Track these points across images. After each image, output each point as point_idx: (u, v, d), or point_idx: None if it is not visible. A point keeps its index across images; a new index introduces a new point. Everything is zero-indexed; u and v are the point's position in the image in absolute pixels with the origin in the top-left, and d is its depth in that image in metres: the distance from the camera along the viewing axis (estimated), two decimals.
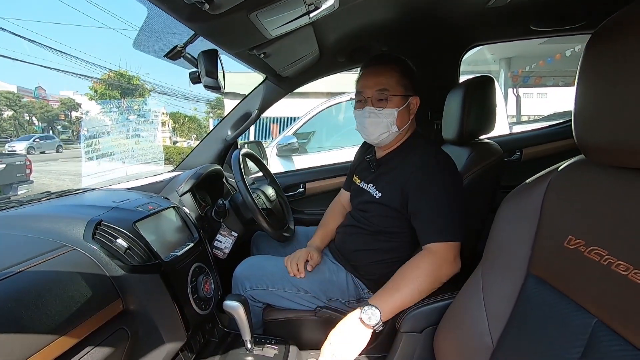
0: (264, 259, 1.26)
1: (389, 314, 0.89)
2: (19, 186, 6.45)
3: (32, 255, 0.70)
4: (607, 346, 0.48)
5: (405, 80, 1.07)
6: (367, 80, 1.08)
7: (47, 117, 30.61)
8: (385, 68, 1.07)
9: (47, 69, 21.81)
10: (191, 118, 23.71)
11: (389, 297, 0.91)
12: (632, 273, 0.45)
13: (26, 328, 0.58)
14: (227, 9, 0.73)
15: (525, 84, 10.77)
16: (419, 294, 0.91)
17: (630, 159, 0.48)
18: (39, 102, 31.22)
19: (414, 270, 0.93)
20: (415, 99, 1.09)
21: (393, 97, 1.05)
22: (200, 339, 1.07)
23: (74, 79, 71.98)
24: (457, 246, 0.96)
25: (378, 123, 1.07)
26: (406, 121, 1.08)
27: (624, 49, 0.48)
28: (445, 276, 0.93)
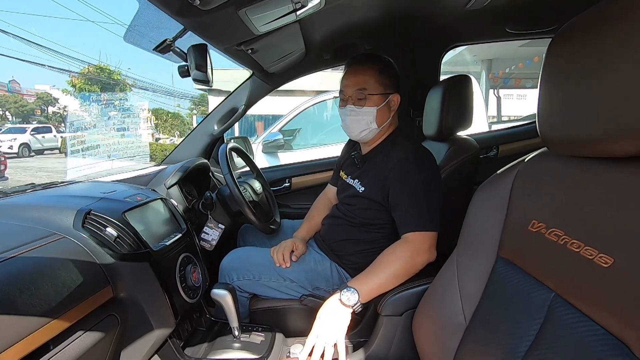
0: (250, 251, 1.29)
1: (366, 295, 0.93)
2: None
3: (24, 242, 0.71)
4: (563, 317, 0.53)
5: (384, 79, 1.10)
6: (347, 80, 1.13)
7: (21, 111, 29.48)
8: (364, 67, 1.11)
9: (21, 61, 21.00)
10: (174, 115, 23.31)
11: (366, 280, 0.96)
12: (583, 249, 0.51)
13: (20, 310, 0.60)
14: (216, 5, 0.76)
15: (505, 86, 11.06)
16: (395, 279, 0.96)
17: (583, 148, 0.54)
18: (13, 96, 30.02)
19: (390, 256, 0.98)
20: (396, 96, 1.13)
21: (372, 95, 1.09)
22: (188, 327, 1.09)
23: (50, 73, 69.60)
24: (433, 236, 1.01)
25: (358, 121, 1.11)
26: (386, 118, 1.13)
27: (581, 50, 0.53)
28: (420, 264, 0.98)
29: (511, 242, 0.67)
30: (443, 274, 0.82)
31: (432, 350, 0.79)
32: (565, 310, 0.53)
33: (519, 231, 0.65)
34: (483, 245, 0.73)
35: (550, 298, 0.56)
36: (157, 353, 0.94)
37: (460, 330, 0.72)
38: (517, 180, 0.69)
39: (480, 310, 0.70)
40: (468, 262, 0.76)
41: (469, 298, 0.73)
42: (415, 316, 0.87)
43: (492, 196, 0.73)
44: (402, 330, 0.94)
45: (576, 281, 0.52)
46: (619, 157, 0.50)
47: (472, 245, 0.76)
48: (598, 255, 0.49)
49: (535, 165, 0.67)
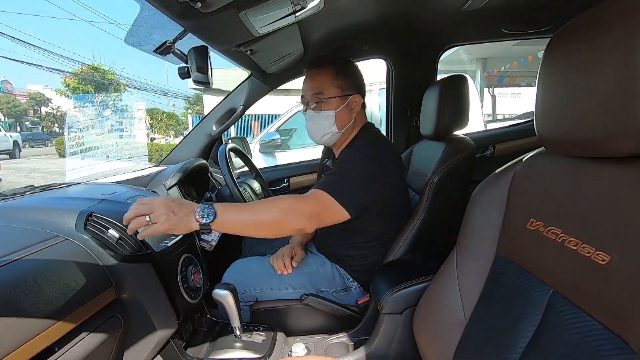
0: (249, 262, 1.28)
1: (222, 223, 0.82)
2: None
3: (27, 244, 0.71)
4: (561, 314, 0.55)
5: (341, 81, 1.08)
6: (305, 84, 1.13)
7: (14, 112, 29.17)
8: (319, 71, 1.10)
9: (13, 61, 20.72)
10: (169, 114, 23.17)
11: (230, 211, 0.85)
12: (581, 247, 0.52)
13: (25, 313, 0.60)
14: (217, 7, 0.76)
15: (500, 84, 11.15)
16: (260, 226, 0.86)
17: (580, 148, 0.55)
18: (5, 97, 29.70)
19: (272, 202, 0.89)
20: (356, 97, 1.10)
21: (328, 99, 1.08)
22: (190, 328, 1.10)
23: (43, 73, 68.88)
24: (332, 202, 0.93)
25: (318, 125, 1.10)
26: (347, 121, 1.11)
27: (579, 50, 0.54)
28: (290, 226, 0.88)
29: (510, 241, 0.69)
30: (443, 272, 0.83)
31: (433, 347, 0.80)
32: (564, 307, 0.54)
33: (518, 229, 0.66)
34: (482, 244, 0.74)
35: (549, 295, 0.57)
36: (159, 353, 0.95)
37: (460, 328, 0.73)
38: (515, 180, 0.70)
39: (480, 308, 0.71)
40: (467, 261, 0.77)
41: (468, 296, 0.74)
42: (415, 314, 0.88)
43: (491, 195, 0.75)
44: (402, 327, 0.95)
45: (574, 279, 0.53)
46: (615, 157, 0.51)
47: (471, 243, 0.77)
48: (595, 253, 0.50)
49: (533, 164, 0.68)
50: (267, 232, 0.89)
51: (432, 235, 1.11)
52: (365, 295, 1.17)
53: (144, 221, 0.77)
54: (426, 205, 1.09)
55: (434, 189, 1.09)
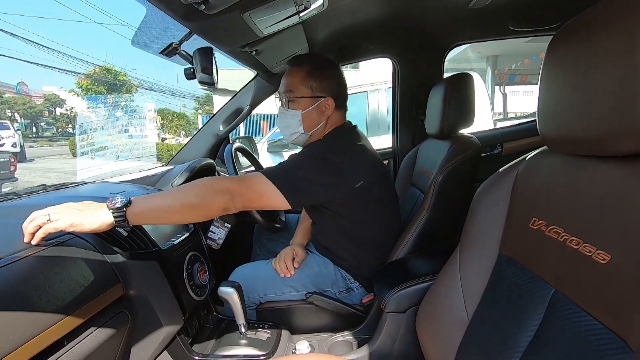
0: (253, 267, 1.28)
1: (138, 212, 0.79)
2: (3, 183, 6.33)
3: None
4: (563, 313, 0.54)
5: (313, 81, 1.06)
6: (282, 80, 1.11)
7: (30, 113, 29.89)
8: (294, 69, 1.09)
9: (29, 64, 21.28)
10: (180, 115, 23.46)
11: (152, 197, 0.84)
12: (582, 246, 0.52)
13: (35, 307, 0.62)
14: (221, 9, 0.78)
15: (511, 82, 10.99)
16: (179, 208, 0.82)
17: (582, 147, 0.55)
18: (22, 98, 30.44)
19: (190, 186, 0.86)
20: (328, 100, 1.07)
21: (297, 98, 1.06)
22: (196, 324, 1.12)
23: (58, 75, 70.32)
24: (265, 182, 0.91)
25: (286, 123, 1.09)
26: (316, 123, 1.08)
27: (581, 49, 0.54)
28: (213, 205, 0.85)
29: (513, 240, 0.68)
30: (446, 271, 0.83)
31: (435, 346, 0.80)
32: (565, 306, 0.54)
33: (520, 228, 0.66)
34: (485, 243, 0.74)
35: (551, 294, 0.57)
36: (166, 349, 0.96)
37: (462, 327, 0.73)
38: (518, 179, 0.70)
39: (482, 307, 0.71)
40: (470, 259, 0.77)
41: (471, 295, 0.74)
42: (418, 313, 0.88)
43: (494, 194, 0.74)
44: (405, 326, 0.95)
45: (575, 278, 0.53)
46: (617, 156, 0.51)
47: (474, 242, 0.77)
48: (596, 252, 0.50)
49: (535, 163, 0.68)
50: (192, 215, 0.85)
51: (437, 234, 1.10)
52: (370, 294, 1.17)
53: (44, 219, 0.72)
54: (430, 204, 1.09)
55: (438, 188, 1.09)
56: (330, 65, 1.12)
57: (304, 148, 1.06)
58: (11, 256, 0.67)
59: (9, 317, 0.58)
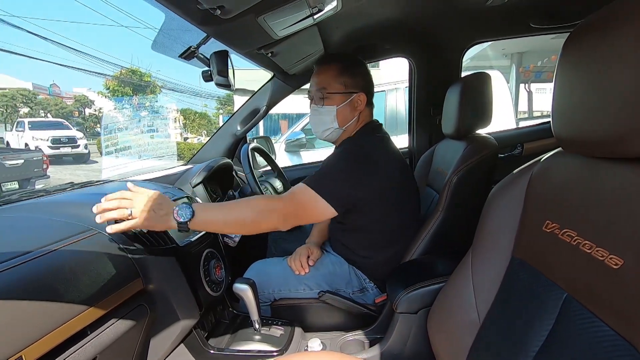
0: (268, 264, 1.31)
1: (199, 222, 0.86)
2: (37, 181, 6.66)
3: (64, 236, 0.78)
4: (574, 318, 0.53)
5: (346, 78, 1.10)
6: (312, 79, 1.15)
7: (61, 113, 31.24)
8: (324, 67, 1.12)
9: (61, 66, 22.33)
10: (201, 114, 23.95)
11: (208, 210, 0.90)
12: (595, 250, 0.51)
13: (62, 298, 0.67)
14: (236, 13, 0.80)
15: (537, 80, 10.61)
16: (237, 224, 0.91)
17: (597, 148, 0.54)
18: (54, 99, 31.89)
19: (248, 202, 0.93)
20: (360, 95, 1.10)
21: (331, 95, 1.09)
22: (212, 319, 1.15)
23: (87, 76, 73.25)
24: (313, 197, 0.94)
25: (320, 120, 1.12)
26: (350, 118, 1.12)
27: (596, 48, 0.53)
28: (272, 222, 0.92)
29: (526, 243, 0.67)
30: (458, 273, 0.82)
31: (446, 348, 0.80)
32: (577, 311, 0.53)
33: (534, 231, 0.65)
34: (498, 245, 0.73)
35: (563, 299, 0.56)
36: (183, 342, 1.00)
37: (474, 329, 0.73)
38: (532, 180, 0.69)
39: (494, 310, 0.70)
40: (483, 262, 0.76)
41: (483, 297, 0.73)
42: (430, 314, 0.88)
43: (508, 196, 0.73)
44: (417, 327, 0.95)
45: (587, 282, 0.52)
46: (631, 158, 0.49)
47: (487, 244, 0.76)
48: (609, 257, 0.48)
49: (550, 165, 0.66)
50: (243, 230, 0.94)
51: (451, 235, 1.09)
52: (383, 295, 1.17)
53: (126, 214, 0.80)
54: (445, 205, 1.08)
55: (453, 188, 1.08)
56: (359, 62, 1.15)
57: (337, 148, 1.08)
58: (41, 249, 0.72)
59: (39, 306, 0.62)
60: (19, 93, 28.14)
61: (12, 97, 27.43)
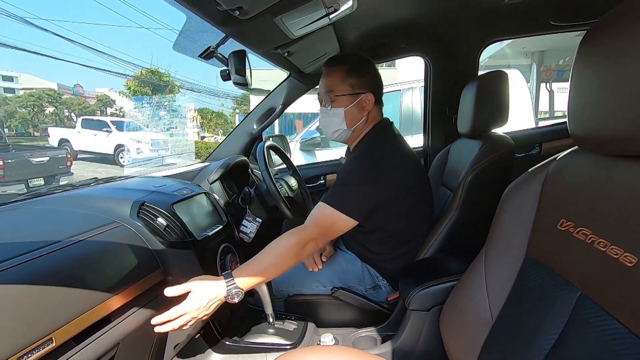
0: None
1: (249, 288, 0.93)
2: (61, 177, 6.91)
3: (90, 228, 0.82)
4: (587, 316, 0.53)
5: (352, 79, 1.10)
6: (320, 82, 1.16)
7: (84, 113, 32.27)
8: (331, 69, 1.13)
9: (84, 67, 23.11)
10: (218, 114, 24.28)
11: (252, 277, 0.92)
12: (609, 249, 0.51)
13: (88, 286, 0.70)
14: (254, 14, 0.82)
15: (560, 78, 10.32)
16: (278, 270, 0.95)
17: (613, 146, 0.53)
18: (77, 99, 32.96)
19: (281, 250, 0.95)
20: (368, 95, 1.11)
21: (338, 97, 1.10)
22: (228, 312, 1.18)
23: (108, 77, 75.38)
24: (334, 215, 0.98)
25: (329, 122, 1.14)
26: (358, 118, 1.12)
27: (613, 45, 0.52)
28: (308, 248, 0.96)
29: (540, 242, 0.67)
30: (471, 271, 0.82)
31: (458, 345, 0.80)
32: (590, 309, 0.53)
33: (548, 230, 0.65)
34: (512, 244, 0.73)
35: (576, 297, 0.56)
36: (199, 333, 1.03)
37: (486, 327, 0.73)
38: (547, 179, 0.68)
39: (507, 308, 0.70)
40: (496, 261, 0.76)
41: (496, 296, 0.73)
42: (442, 312, 0.88)
43: (522, 195, 0.73)
44: (429, 325, 0.95)
45: (601, 280, 0.52)
46: None
47: (501, 243, 0.76)
48: (623, 255, 0.48)
49: (565, 163, 0.66)
50: (290, 267, 0.96)
51: (465, 234, 1.09)
52: (396, 292, 1.18)
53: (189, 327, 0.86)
54: (459, 204, 1.08)
55: (467, 187, 1.07)
56: (366, 62, 1.15)
57: (349, 155, 1.10)
58: (69, 239, 0.76)
59: (67, 292, 0.66)
60: (45, 93, 29.21)
61: (39, 97, 28.50)
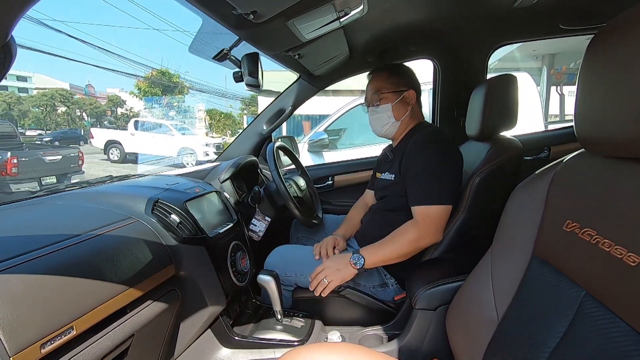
0: (292, 249, 1.38)
1: (371, 264, 1.12)
2: (73, 176, 7.03)
3: (107, 222, 0.85)
4: (592, 315, 0.54)
5: (395, 79, 1.27)
6: (367, 87, 1.33)
7: (95, 112, 32.77)
8: (376, 74, 1.30)
9: (96, 67, 23.47)
10: (227, 115, 24.45)
11: (373, 253, 1.13)
12: (614, 249, 0.52)
13: (106, 277, 0.73)
14: (268, 18, 0.85)
15: (570, 82, 10.19)
16: (398, 257, 1.12)
17: (619, 149, 0.54)
18: (89, 99, 33.50)
19: (400, 236, 1.11)
20: (410, 92, 1.26)
21: (385, 94, 1.25)
22: (237, 308, 1.21)
23: (120, 77, 76.42)
24: (440, 210, 1.09)
25: (378, 118, 1.27)
26: (404, 112, 1.26)
27: (621, 49, 0.53)
28: (425, 245, 1.11)
29: (546, 242, 0.68)
30: (477, 271, 0.83)
31: (464, 344, 0.81)
32: (595, 308, 0.54)
33: (554, 231, 0.66)
34: (518, 245, 0.74)
35: (581, 296, 0.57)
36: (209, 327, 1.06)
37: (492, 326, 0.74)
38: (554, 181, 0.69)
39: (513, 308, 0.71)
40: (503, 261, 0.77)
41: (502, 295, 0.75)
42: (448, 311, 0.89)
43: (529, 196, 0.74)
44: (435, 324, 0.96)
45: (606, 280, 0.53)
46: None
47: (507, 244, 0.77)
48: (627, 255, 0.49)
49: (572, 166, 0.67)
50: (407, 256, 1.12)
51: (472, 235, 1.10)
52: (402, 292, 1.19)
53: (324, 283, 1.12)
54: (466, 205, 1.09)
55: (474, 189, 1.08)
56: (404, 66, 1.33)
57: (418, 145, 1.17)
58: (87, 233, 0.79)
59: (87, 283, 0.69)
60: (57, 93, 29.73)
61: (52, 96, 29.01)
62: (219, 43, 1.06)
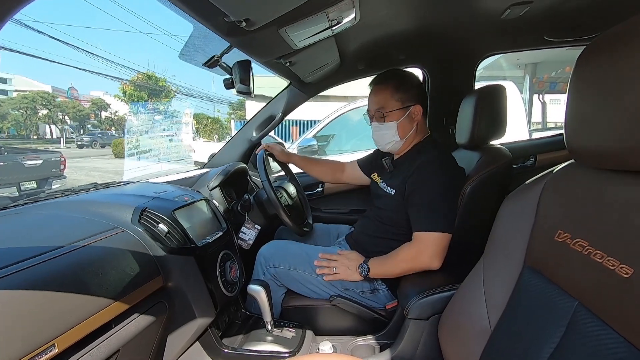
0: (288, 243, 1.36)
1: (373, 275, 1.16)
2: (54, 181, 6.81)
3: (92, 233, 0.82)
4: (585, 326, 0.55)
5: (401, 94, 1.19)
6: (369, 99, 1.25)
7: (78, 116, 32.05)
8: (380, 87, 1.22)
9: (79, 70, 23.03)
10: (214, 119, 24.26)
11: (377, 266, 1.15)
12: (606, 260, 0.52)
13: (91, 291, 0.70)
14: (260, 25, 0.84)
15: (552, 90, 10.49)
16: (397, 275, 1.13)
17: (609, 161, 0.55)
18: (72, 102, 32.77)
19: (402, 260, 1.11)
20: (416, 107, 1.20)
21: (390, 112, 1.19)
22: (226, 319, 1.18)
23: (104, 80, 75.07)
24: (441, 237, 1.06)
25: (383, 135, 1.22)
26: (409, 129, 1.21)
27: (611, 62, 0.54)
28: (420, 268, 1.09)
29: (537, 252, 0.69)
30: (469, 281, 0.83)
31: (457, 354, 0.81)
32: (587, 319, 0.54)
33: (546, 241, 0.66)
34: (510, 254, 0.74)
35: (574, 307, 0.57)
36: (198, 340, 1.03)
37: (485, 336, 0.74)
38: (545, 191, 0.70)
39: (505, 317, 0.71)
40: (494, 270, 0.78)
41: (494, 305, 0.75)
42: (441, 321, 0.89)
43: (520, 206, 0.75)
44: (427, 333, 0.96)
45: (598, 291, 0.53)
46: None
47: (499, 253, 0.78)
48: (619, 266, 0.50)
49: (563, 176, 0.68)
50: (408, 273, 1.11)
51: (463, 244, 1.11)
52: (394, 300, 1.19)
53: (332, 270, 1.19)
54: (458, 214, 1.09)
55: (466, 198, 1.09)
56: (411, 76, 1.24)
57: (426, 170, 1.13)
58: (71, 245, 0.76)
59: (70, 298, 0.66)
60: (39, 95, 28.98)
61: (33, 99, 28.26)
62: (210, 49, 1.04)
